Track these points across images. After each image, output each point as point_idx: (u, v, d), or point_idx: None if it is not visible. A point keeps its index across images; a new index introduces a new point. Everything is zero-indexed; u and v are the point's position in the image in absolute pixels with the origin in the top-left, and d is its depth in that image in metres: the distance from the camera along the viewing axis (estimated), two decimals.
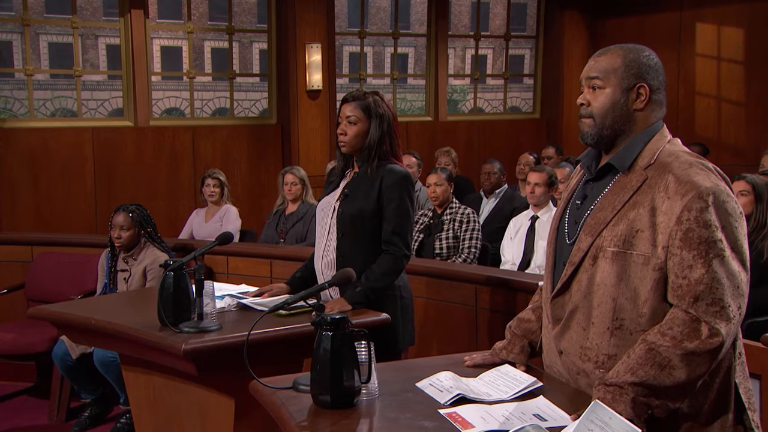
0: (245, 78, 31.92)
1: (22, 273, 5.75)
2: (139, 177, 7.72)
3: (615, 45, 2.34)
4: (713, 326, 2.07)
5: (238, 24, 33.03)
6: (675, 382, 2.08)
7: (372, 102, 3.48)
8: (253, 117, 15.17)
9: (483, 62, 32.93)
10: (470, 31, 9.36)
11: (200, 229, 6.49)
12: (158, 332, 3.08)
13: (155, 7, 31.19)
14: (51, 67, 32.21)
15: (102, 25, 31.50)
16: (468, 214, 5.64)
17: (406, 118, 10.27)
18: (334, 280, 2.77)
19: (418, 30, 29.71)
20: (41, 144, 7.35)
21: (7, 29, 31.33)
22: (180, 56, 33.23)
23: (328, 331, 2.26)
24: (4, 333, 5.20)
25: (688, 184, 2.12)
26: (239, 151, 8.22)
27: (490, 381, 2.42)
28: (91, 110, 29.89)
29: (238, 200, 7.44)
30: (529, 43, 10.76)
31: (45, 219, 7.32)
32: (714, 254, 2.08)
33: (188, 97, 8.75)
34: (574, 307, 2.29)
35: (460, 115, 14.54)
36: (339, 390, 2.23)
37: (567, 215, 2.41)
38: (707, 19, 9.44)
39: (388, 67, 36.10)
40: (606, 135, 2.29)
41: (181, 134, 7.97)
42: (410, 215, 3.48)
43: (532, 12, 10.45)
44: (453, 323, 4.39)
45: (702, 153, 8.00)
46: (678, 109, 9.47)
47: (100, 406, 5.04)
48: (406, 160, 6.89)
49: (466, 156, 8.78)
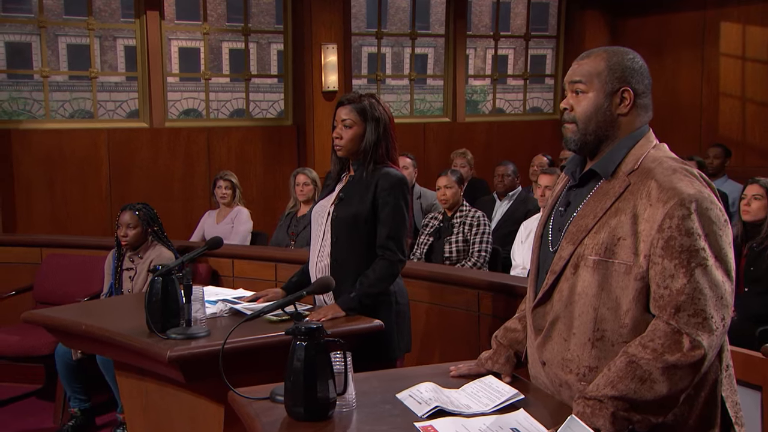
0: (263, 79, 31.87)
1: (32, 275, 5.77)
2: (154, 178, 7.73)
3: (599, 47, 2.28)
4: (695, 338, 2.00)
5: (256, 25, 33.02)
6: (656, 396, 2.01)
7: (368, 105, 3.43)
8: (269, 118, 15.17)
9: (504, 62, 32.68)
10: (491, 31, 9.27)
11: (212, 231, 6.46)
12: (146, 338, 3.05)
13: (173, 8, 31.34)
14: (69, 69, 32.41)
15: (119, 26, 31.72)
16: (478, 218, 5.57)
17: (423, 119, 10.20)
18: (313, 287, 2.72)
19: (437, 30, 29.52)
20: (57, 145, 7.37)
21: (26, 31, 31.64)
22: (198, 57, 33.33)
23: (302, 341, 2.21)
24: (9, 335, 5.21)
25: (670, 191, 2.05)
26: (254, 152, 8.20)
27: (472, 393, 2.35)
28: (109, 111, 30.04)
29: (253, 202, 7.44)
30: (551, 43, 10.62)
31: (60, 220, 7.35)
32: (696, 263, 2.01)
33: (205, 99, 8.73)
34: (555, 317, 2.23)
35: (478, 116, 14.46)
36: (313, 402, 2.18)
37: (551, 222, 2.35)
38: (732, 18, 9.28)
39: (407, 67, 36.02)
40: (590, 140, 2.23)
41: (196, 135, 7.97)
42: (406, 219, 3.43)
43: (553, 11, 10.31)
44: (455, 329, 4.33)
45: (723, 155, 7.87)
46: (701, 109, 9.34)
47: (86, 418, 4.96)
48: (401, 162, 6.81)
49: (484, 157, 8.68)
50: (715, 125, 9.31)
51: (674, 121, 9.49)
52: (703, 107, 9.33)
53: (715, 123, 9.31)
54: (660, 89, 9.60)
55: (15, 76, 30.30)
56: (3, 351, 5.29)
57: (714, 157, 7.88)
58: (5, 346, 5.24)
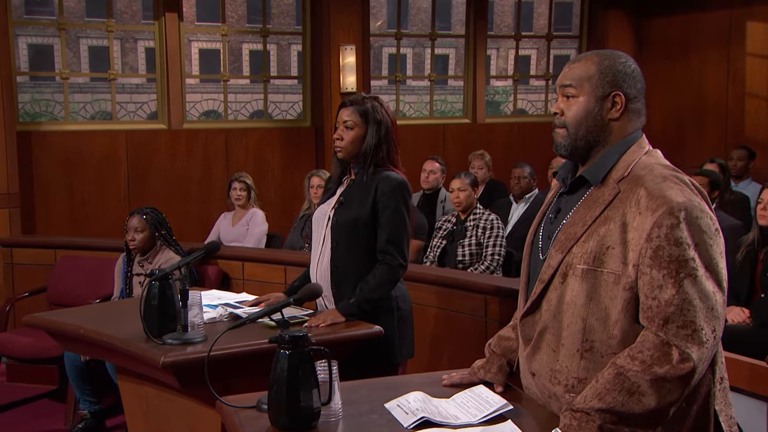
0: (283, 80, 31.83)
1: (47, 276, 5.79)
2: (172, 180, 7.75)
3: (591, 51, 2.23)
4: (684, 350, 1.94)
5: (277, 26, 32.98)
6: (645, 409, 1.95)
7: (370, 107, 3.39)
8: (287, 120, 15.18)
9: (526, 63, 32.34)
10: (514, 31, 9.16)
11: (227, 233, 6.47)
12: (143, 343, 3.04)
13: (193, 9, 31.40)
14: (91, 71, 32.64)
15: (139, 28, 31.84)
16: (492, 221, 5.51)
17: (443, 120, 10.13)
18: (299, 295, 2.68)
19: (458, 31, 29.37)
20: (75, 147, 7.41)
21: (49, 33, 31.83)
22: (218, 59, 33.42)
23: (286, 350, 2.18)
24: (23, 337, 5.24)
25: (659, 199, 1.99)
26: (272, 154, 8.20)
27: (462, 403, 2.31)
28: (129, 113, 30.11)
29: (270, 204, 7.43)
30: (574, 44, 10.51)
31: (79, 222, 7.39)
32: (685, 273, 1.95)
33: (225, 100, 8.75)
34: (544, 328, 2.18)
35: (498, 117, 14.34)
36: (296, 411, 2.15)
37: (541, 229, 2.30)
38: (759, 17, 9.12)
39: (428, 68, 35.90)
40: (580, 146, 2.18)
41: (214, 137, 7.98)
42: (406, 223, 3.38)
43: (577, 11, 10.22)
44: (462, 334, 4.28)
45: (747, 157, 7.75)
46: (727, 110, 9.19)
47: (96, 421, 4.96)
48: (429, 166, 6.78)
49: (504, 159, 8.60)
50: (741, 126, 9.16)
51: (699, 122, 9.37)
52: (729, 108, 9.19)
53: (741, 124, 9.16)
54: (685, 90, 9.48)
55: (37, 78, 30.52)
56: (17, 353, 5.33)
57: (738, 159, 7.76)
58: (19, 347, 5.28)
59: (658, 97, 9.61)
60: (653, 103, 9.73)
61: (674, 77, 9.54)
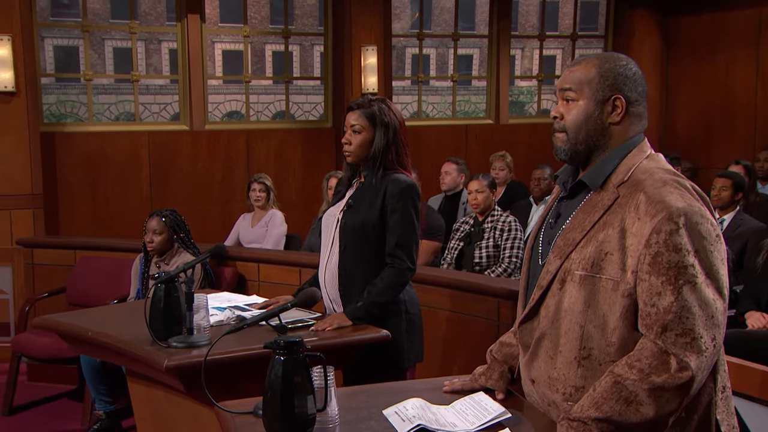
0: (306, 81, 31.82)
1: (66, 277, 5.83)
2: (194, 181, 7.78)
3: (591, 54, 2.19)
4: (682, 359, 1.89)
5: (300, 27, 32.96)
6: (642, 419, 1.91)
7: (377, 110, 3.36)
8: (309, 120, 15.22)
9: (551, 63, 32.09)
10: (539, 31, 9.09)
11: (246, 234, 6.48)
12: (148, 346, 3.03)
13: (216, 11, 31.50)
14: (115, 72, 32.90)
15: (162, 30, 32.05)
16: (509, 222, 5.46)
17: (465, 120, 10.07)
18: (297, 300, 2.66)
19: (482, 31, 29.28)
20: (99, 148, 7.47)
21: (74, 35, 32.12)
22: (241, 60, 33.48)
23: (281, 356, 2.15)
24: (42, 337, 5.27)
25: (659, 204, 1.95)
26: (293, 154, 8.20)
27: (461, 410, 2.28)
28: (153, 114, 30.29)
29: (291, 205, 7.43)
30: (600, 43, 10.42)
31: (102, 222, 7.44)
32: (685, 280, 1.91)
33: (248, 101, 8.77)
34: (542, 334, 2.14)
35: (522, 118, 14.27)
36: (291, 418, 2.12)
37: (542, 234, 2.26)
38: None
39: (451, 69, 35.80)
40: (580, 150, 2.14)
41: (236, 138, 8.00)
42: (415, 226, 3.35)
43: (602, 10, 10.11)
44: (475, 338, 4.24)
45: None
46: (756, 111, 9.04)
47: (111, 422, 4.98)
48: (445, 167, 6.73)
49: (527, 160, 8.54)
50: None
51: (727, 123, 9.23)
52: (758, 110, 9.03)
53: None
54: (713, 89, 9.34)
55: (63, 80, 30.77)
56: (36, 353, 5.37)
57: (765, 160, 7.65)
58: (38, 347, 5.32)
59: (684, 96, 9.49)
60: (680, 103, 9.62)
61: (701, 77, 9.41)
